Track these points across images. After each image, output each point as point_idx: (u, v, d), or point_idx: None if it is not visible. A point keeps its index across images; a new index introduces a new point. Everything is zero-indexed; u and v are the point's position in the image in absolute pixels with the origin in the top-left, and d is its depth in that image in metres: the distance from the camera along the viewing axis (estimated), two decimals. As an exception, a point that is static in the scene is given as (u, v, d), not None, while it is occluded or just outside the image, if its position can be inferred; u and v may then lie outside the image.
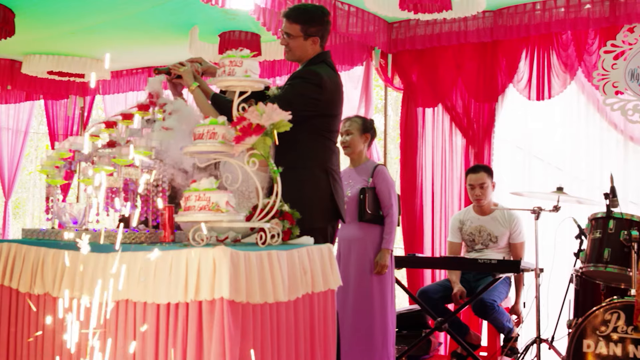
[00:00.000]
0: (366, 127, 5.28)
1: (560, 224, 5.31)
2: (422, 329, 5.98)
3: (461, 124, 6.67)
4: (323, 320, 3.27)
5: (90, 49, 7.67)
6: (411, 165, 6.93)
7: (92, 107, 9.40)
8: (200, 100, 3.80)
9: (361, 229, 5.12)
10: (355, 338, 5.02)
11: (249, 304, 2.77)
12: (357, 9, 6.23)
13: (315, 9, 4.03)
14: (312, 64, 3.92)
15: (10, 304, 3.33)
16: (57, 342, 3.10)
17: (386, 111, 7.42)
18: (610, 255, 4.71)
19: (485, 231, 5.76)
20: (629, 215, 4.76)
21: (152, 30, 6.99)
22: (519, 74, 6.38)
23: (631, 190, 5.96)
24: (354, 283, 5.06)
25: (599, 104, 6.06)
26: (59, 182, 3.60)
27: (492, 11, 6.30)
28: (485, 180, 5.75)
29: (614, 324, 4.45)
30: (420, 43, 6.73)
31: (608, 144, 6.13)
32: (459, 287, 5.64)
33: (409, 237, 6.84)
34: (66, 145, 3.65)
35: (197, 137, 3.11)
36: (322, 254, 3.29)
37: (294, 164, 3.72)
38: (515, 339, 5.49)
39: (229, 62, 3.20)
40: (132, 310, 2.87)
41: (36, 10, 6.32)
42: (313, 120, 3.81)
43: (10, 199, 9.20)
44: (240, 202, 3.53)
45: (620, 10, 5.72)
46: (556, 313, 5.23)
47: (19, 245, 3.35)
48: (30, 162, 12.23)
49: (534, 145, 6.48)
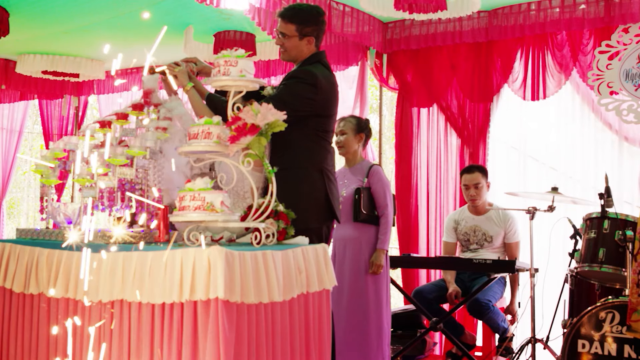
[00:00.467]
0: (360, 127, 5.28)
1: (555, 224, 5.31)
2: (417, 329, 5.98)
3: (456, 124, 6.68)
4: (318, 320, 3.27)
5: (84, 48, 7.66)
6: (406, 165, 6.93)
7: (86, 107, 9.38)
8: (195, 101, 3.80)
9: (356, 229, 5.12)
10: (350, 338, 5.02)
11: (243, 304, 2.77)
12: (352, 8, 6.23)
13: (310, 9, 4.03)
14: (307, 64, 3.92)
15: (4, 303, 3.32)
16: (52, 342, 3.09)
17: (381, 111, 7.42)
18: (605, 255, 4.72)
19: (480, 231, 5.77)
20: (624, 215, 4.76)
21: (146, 30, 6.97)
22: (514, 74, 6.38)
23: (626, 190, 5.97)
24: (348, 283, 5.05)
25: (594, 104, 6.07)
26: (53, 182, 3.59)
27: (487, 11, 6.30)
28: (480, 180, 5.76)
29: (608, 323, 4.46)
30: (415, 43, 6.73)
31: (603, 144, 6.13)
32: (454, 287, 5.64)
33: (404, 237, 6.84)
34: (60, 145, 3.64)
35: (191, 137, 3.11)
36: (317, 254, 3.29)
37: (289, 164, 3.72)
38: (510, 339, 5.49)
39: (224, 62, 3.20)
40: (127, 310, 2.87)
41: (30, 9, 6.31)
42: (308, 120, 3.81)
43: (5, 199, 9.18)
44: (235, 202, 3.53)
45: (615, 10, 5.73)
46: (551, 313, 5.23)
47: (13, 245, 3.34)
48: (24, 162, 12.19)
49: (528, 145, 6.48)
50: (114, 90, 8.85)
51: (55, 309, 3.08)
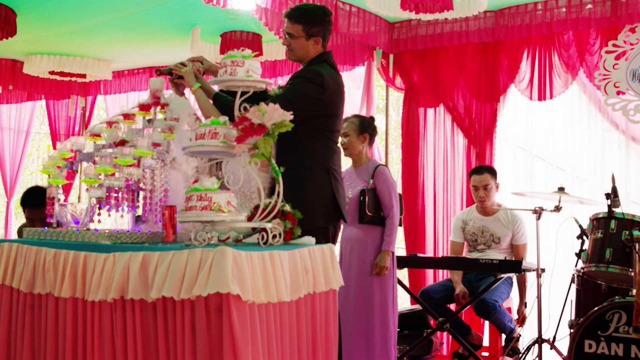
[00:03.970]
0: (364, 126, 5.23)
1: (562, 224, 5.31)
2: (424, 329, 5.98)
3: (463, 124, 6.67)
4: (325, 319, 3.27)
5: (91, 49, 7.68)
6: (413, 166, 6.92)
7: (93, 107, 9.41)
8: (202, 101, 3.80)
9: (362, 230, 5.11)
10: (356, 338, 5.01)
11: (254, 304, 2.77)
12: (359, 9, 6.23)
13: (317, 9, 4.02)
14: (313, 64, 3.92)
15: (11, 303, 3.33)
16: (59, 341, 3.10)
17: (387, 111, 7.42)
18: (611, 255, 4.71)
19: (488, 232, 5.76)
20: (631, 216, 4.76)
21: (153, 31, 6.99)
22: (521, 74, 6.37)
23: (633, 190, 5.96)
24: (355, 284, 5.05)
25: (601, 104, 6.06)
26: (60, 182, 3.60)
27: (494, 11, 6.30)
28: (489, 181, 5.74)
29: (615, 324, 4.45)
30: (422, 43, 6.73)
31: (610, 144, 6.12)
32: (461, 287, 5.63)
33: (411, 237, 6.84)
34: (68, 145, 3.65)
35: (198, 137, 3.11)
36: (323, 253, 3.29)
37: (296, 163, 3.72)
38: (517, 339, 5.48)
39: (230, 62, 3.21)
40: (135, 309, 2.88)
41: (38, 10, 6.33)
42: (315, 120, 3.81)
43: (13, 199, 9.21)
44: (242, 202, 3.53)
45: (622, 10, 5.72)
46: (558, 313, 5.22)
47: (20, 244, 3.35)
48: (32, 162, 12.23)
49: (535, 145, 6.47)
50: (120, 91, 8.87)
51: (63, 309, 3.09)
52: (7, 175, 9.16)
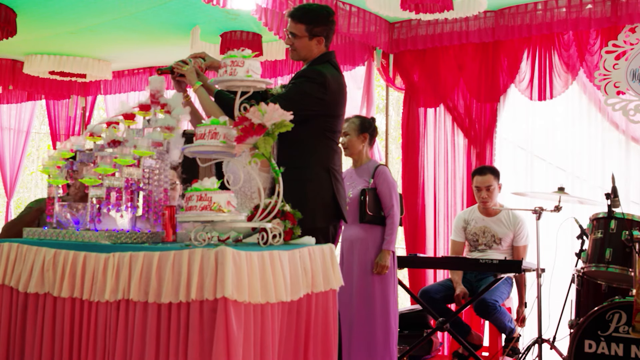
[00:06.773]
0: (364, 126, 5.23)
1: (562, 224, 5.31)
2: (424, 329, 5.98)
3: (463, 124, 6.67)
4: (324, 319, 3.27)
5: (91, 49, 7.68)
6: (413, 166, 6.92)
7: (93, 107, 9.41)
8: (204, 99, 3.79)
9: (363, 230, 5.11)
10: (357, 338, 5.02)
11: (250, 304, 2.77)
12: (359, 9, 6.23)
13: (320, 9, 4.02)
14: (316, 64, 3.91)
15: (10, 303, 3.33)
16: (58, 341, 3.10)
17: (387, 111, 7.42)
18: (611, 255, 4.71)
19: (490, 232, 5.75)
20: (630, 216, 4.76)
21: (153, 31, 7.00)
22: (521, 74, 6.37)
23: (633, 190, 5.96)
24: (356, 284, 5.05)
25: (601, 104, 6.06)
26: (60, 182, 3.60)
27: (494, 11, 6.30)
28: (492, 182, 5.73)
29: (615, 324, 4.45)
30: (422, 43, 6.73)
31: (610, 144, 6.13)
32: (461, 288, 5.63)
33: (411, 237, 6.84)
34: (68, 145, 3.65)
35: (198, 137, 3.11)
36: (323, 253, 3.29)
37: (296, 163, 3.72)
38: (517, 339, 5.48)
39: (230, 62, 3.20)
40: (133, 310, 2.87)
41: (38, 10, 6.33)
42: (316, 120, 3.81)
43: (13, 199, 9.21)
44: (242, 202, 3.53)
45: (622, 10, 5.72)
46: (558, 313, 5.22)
47: (20, 244, 3.35)
48: (32, 162, 12.23)
49: (535, 145, 6.47)
50: (120, 91, 8.87)
51: (61, 309, 3.08)
52: (7, 175, 9.16)
